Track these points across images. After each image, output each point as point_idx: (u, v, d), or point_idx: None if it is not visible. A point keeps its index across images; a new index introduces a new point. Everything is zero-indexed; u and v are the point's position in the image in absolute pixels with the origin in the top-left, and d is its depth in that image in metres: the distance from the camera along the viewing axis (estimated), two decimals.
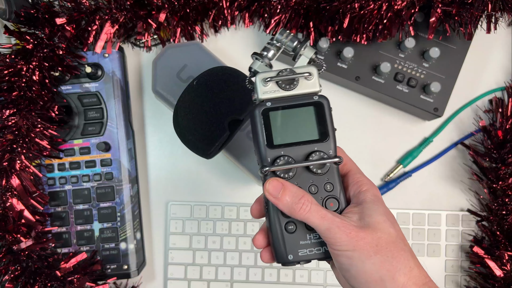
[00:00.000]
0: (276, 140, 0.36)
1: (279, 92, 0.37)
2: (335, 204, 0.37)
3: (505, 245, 0.57)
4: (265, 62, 0.39)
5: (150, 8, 0.56)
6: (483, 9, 0.52)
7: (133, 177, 0.59)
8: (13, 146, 0.53)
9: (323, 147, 0.37)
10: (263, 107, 0.36)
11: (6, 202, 0.52)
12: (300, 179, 0.37)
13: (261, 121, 0.36)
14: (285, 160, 0.36)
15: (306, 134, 0.37)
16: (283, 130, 0.37)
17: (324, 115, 0.37)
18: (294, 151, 0.36)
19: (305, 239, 0.37)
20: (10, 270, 0.53)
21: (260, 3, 0.56)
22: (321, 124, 0.37)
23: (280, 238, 0.36)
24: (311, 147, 0.37)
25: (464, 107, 0.63)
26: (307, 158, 0.36)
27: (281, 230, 0.36)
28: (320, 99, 0.37)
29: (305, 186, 0.37)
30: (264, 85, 0.36)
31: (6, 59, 0.53)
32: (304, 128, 0.37)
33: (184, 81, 0.57)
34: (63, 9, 0.55)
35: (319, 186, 0.37)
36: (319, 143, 0.37)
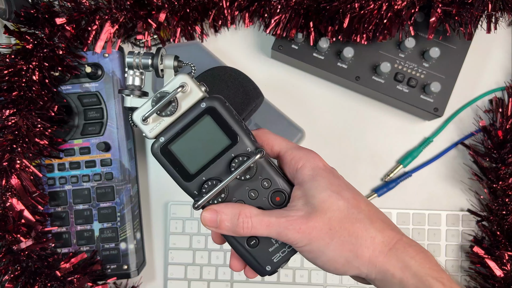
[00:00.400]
0: (191, 169, 0.34)
1: (164, 121, 0.34)
2: (281, 197, 0.35)
3: (505, 245, 0.57)
4: (135, 94, 0.35)
5: (150, 8, 0.56)
6: (483, 9, 0.52)
7: (133, 177, 0.59)
8: (13, 146, 0.53)
9: (239, 148, 0.34)
10: (158, 145, 0.34)
11: (6, 202, 0.52)
12: (236, 192, 0.35)
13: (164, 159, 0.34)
14: (210, 184, 0.34)
15: (217, 145, 0.34)
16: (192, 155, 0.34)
17: (222, 117, 0.34)
18: (215, 169, 0.34)
19: (272, 245, 0.35)
20: (10, 270, 0.53)
21: (260, 3, 0.56)
22: (224, 126, 0.34)
23: (250, 257, 0.35)
24: (228, 155, 0.34)
25: (464, 107, 0.63)
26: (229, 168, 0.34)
27: (245, 250, 0.35)
28: (208, 103, 0.34)
29: (244, 195, 0.35)
30: (145, 124, 0.33)
31: (6, 59, 0.53)
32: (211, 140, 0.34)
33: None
34: (63, 9, 0.55)
35: (257, 188, 0.35)
36: (233, 147, 0.34)
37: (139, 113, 0.34)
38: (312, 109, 0.63)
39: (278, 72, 0.63)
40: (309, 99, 0.63)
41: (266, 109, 0.57)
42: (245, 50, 0.64)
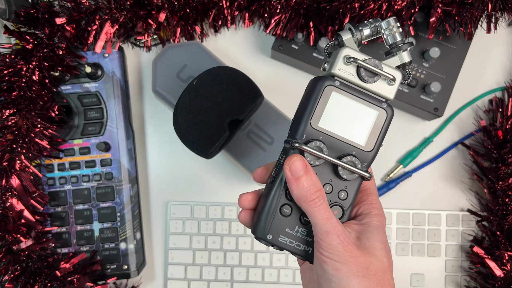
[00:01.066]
0: (323, 122, 0.34)
1: (355, 78, 0.33)
2: (339, 213, 0.35)
3: (505, 245, 0.57)
4: (356, 38, 0.35)
5: (150, 8, 0.56)
6: (483, 9, 0.52)
7: (133, 177, 0.59)
8: (13, 146, 0.53)
9: (362, 156, 0.34)
10: (329, 82, 0.33)
11: (6, 202, 0.52)
12: (321, 172, 0.34)
13: (318, 95, 0.33)
14: (319, 147, 0.33)
15: (354, 135, 0.34)
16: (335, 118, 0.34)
17: (382, 126, 0.34)
18: (332, 143, 0.34)
19: (292, 229, 0.35)
20: (10, 270, 0.53)
21: (260, 3, 0.56)
22: (374, 133, 0.34)
23: (269, 214, 0.34)
24: (350, 149, 0.34)
25: (464, 107, 0.63)
26: (340, 157, 0.34)
27: (275, 207, 0.34)
28: (387, 108, 0.34)
29: (322, 181, 0.34)
30: (345, 63, 0.33)
31: (6, 59, 0.53)
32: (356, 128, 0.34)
33: (184, 81, 0.57)
34: (63, 9, 0.55)
35: (335, 189, 0.35)
36: (360, 150, 0.34)
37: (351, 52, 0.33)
38: None
39: (278, 72, 0.63)
40: None
41: (266, 109, 0.57)
42: (245, 50, 0.64)
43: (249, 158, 0.56)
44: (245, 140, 0.56)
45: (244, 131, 0.56)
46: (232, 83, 0.51)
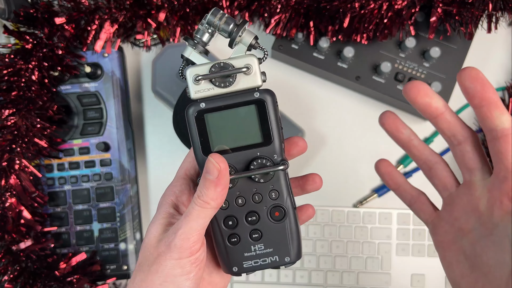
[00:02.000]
0: (214, 146, 0.33)
1: (214, 89, 0.32)
2: (280, 213, 0.34)
3: None
4: (198, 49, 0.33)
5: (150, 7, 0.56)
6: (483, 9, 0.51)
7: (132, 177, 0.59)
8: (12, 146, 0.52)
9: (267, 151, 0.33)
10: (196, 109, 0.32)
11: (5, 202, 0.52)
12: (242, 188, 0.34)
13: (194, 125, 0.33)
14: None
15: (248, 138, 0.33)
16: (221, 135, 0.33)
17: (267, 114, 0.33)
18: (235, 158, 0.33)
19: (250, 250, 0.34)
20: (10, 271, 0.52)
21: (260, 3, 0.56)
22: (264, 124, 0.33)
23: (223, 250, 0.34)
24: (253, 152, 0.33)
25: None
26: (249, 165, 0.33)
27: (223, 242, 0.34)
28: (261, 95, 0.33)
29: (248, 195, 0.34)
30: (196, 84, 0.32)
31: (5, 59, 0.53)
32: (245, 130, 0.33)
33: (184, 81, 0.57)
34: (62, 9, 0.55)
35: (263, 194, 0.34)
36: (262, 147, 0.33)
37: (195, 71, 0.32)
38: (312, 109, 0.63)
39: (278, 72, 0.63)
40: (309, 99, 0.63)
41: None
42: None
43: None
44: None
45: None
46: None
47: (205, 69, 0.32)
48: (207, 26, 0.34)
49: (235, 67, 0.32)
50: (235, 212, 0.34)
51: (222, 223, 0.34)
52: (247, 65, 0.32)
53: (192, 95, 0.33)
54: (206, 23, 0.34)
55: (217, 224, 0.34)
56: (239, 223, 0.34)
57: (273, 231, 0.34)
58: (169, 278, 0.31)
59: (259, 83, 0.33)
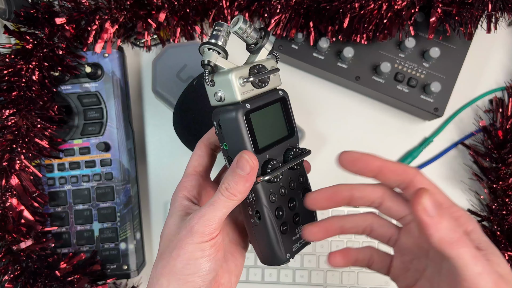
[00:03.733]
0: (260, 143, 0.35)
1: (254, 90, 0.35)
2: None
3: (505, 245, 0.57)
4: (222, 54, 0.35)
5: (150, 8, 0.56)
6: (483, 9, 0.52)
7: (133, 177, 0.59)
8: (12, 146, 0.52)
9: (293, 141, 0.37)
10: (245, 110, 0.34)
11: (6, 202, 0.52)
12: (282, 179, 0.36)
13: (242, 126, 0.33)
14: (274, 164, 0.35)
15: (280, 131, 0.36)
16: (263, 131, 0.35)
17: (289, 110, 0.37)
18: (275, 152, 0.36)
19: (295, 233, 0.37)
20: (10, 270, 0.53)
21: (260, 3, 0.56)
22: (287, 119, 0.37)
23: (279, 242, 0.35)
24: (285, 144, 0.36)
25: (464, 107, 0.63)
26: (284, 156, 0.36)
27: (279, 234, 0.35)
28: (283, 93, 0.37)
29: (286, 184, 0.36)
30: (241, 85, 0.34)
31: (6, 59, 0.53)
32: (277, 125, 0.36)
33: (184, 81, 0.57)
34: (63, 9, 0.55)
35: (295, 180, 0.37)
36: (290, 138, 0.37)
37: (239, 74, 0.34)
38: (312, 109, 0.63)
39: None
40: (309, 99, 0.63)
41: None
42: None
43: None
44: None
45: None
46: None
47: (246, 72, 0.35)
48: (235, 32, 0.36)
49: (268, 69, 0.36)
50: (282, 203, 0.36)
51: (274, 216, 0.35)
52: (274, 67, 0.36)
53: (238, 97, 0.34)
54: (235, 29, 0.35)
55: (271, 217, 0.35)
56: (285, 211, 0.36)
57: (306, 210, 0.37)
58: (191, 261, 0.32)
59: (280, 83, 0.37)
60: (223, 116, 0.34)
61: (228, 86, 0.34)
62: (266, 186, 0.35)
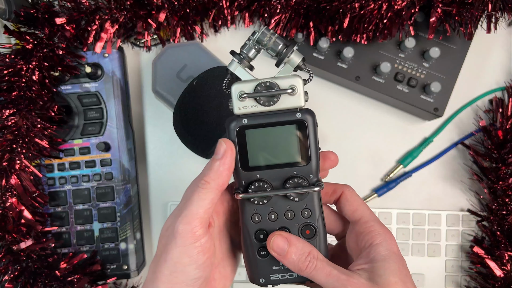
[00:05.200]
0: (252, 161, 0.34)
1: (257, 107, 0.33)
2: (311, 232, 0.35)
3: (505, 245, 0.57)
4: (244, 64, 0.34)
5: (150, 8, 0.56)
6: (483, 9, 0.52)
7: (133, 177, 0.59)
8: (12, 146, 0.52)
9: (304, 171, 0.34)
10: (239, 124, 0.33)
11: (6, 202, 0.52)
12: (276, 204, 0.35)
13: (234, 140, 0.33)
14: (260, 186, 0.34)
15: (286, 156, 0.34)
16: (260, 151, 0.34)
17: (307, 135, 0.33)
18: (271, 175, 0.34)
19: (278, 264, 0.35)
20: (10, 270, 0.53)
21: (260, 3, 0.56)
22: (303, 144, 0.34)
23: (252, 262, 0.35)
24: (290, 171, 0.34)
25: (464, 107, 0.63)
26: (284, 182, 0.34)
27: (253, 254, 0.35)
28: (303, 116, 0.33)
29: (281, 211, 0.35)
30: (240, 100, 0.33)
31: (6, 59, 0.53)
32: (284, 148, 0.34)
33: (184, 81, 0.57)
34: (62, 9, 0.55)
35: (296, 212, 0.35)
36: (299, 166, 0.34)
37: (241, 87, 0.33)
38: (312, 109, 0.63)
39: None
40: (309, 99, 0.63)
41: None
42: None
43: None
44: None
45: None
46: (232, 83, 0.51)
47: (251, 87, 0.33)
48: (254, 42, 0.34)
49: (280, 87, 0.33)
50: (267, 227, 0.35)
51: (253, 236, 0.35)
52: (292, 86, 0.33)
53: (235, 110, 0.33)
54: (255, 40, 0.34)
55: (249, 235, 0.35)
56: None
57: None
58: (179, 267, 0.31)
59: (302, 104, 0.33)
60: (226, 123, 0.34)
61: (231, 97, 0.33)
62: (251, 206, 0.35)
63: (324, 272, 0.32)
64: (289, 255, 0.33)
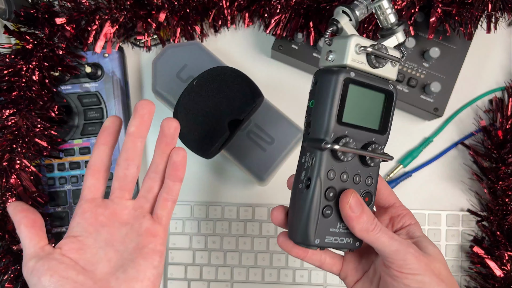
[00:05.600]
0: (346, 117, 0.33)
1: (366, 65, 0.33)
2: (369, 199, 0.36)
3: (505, 245, 0.57)
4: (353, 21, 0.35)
5: (150, 8, 0.56)
6: (483, 9, 0.52)
7: None
8: (12, 146, 0.53)
9: (380, 140, 0.35)
10: (346, 75, 0.32)
11: (6, 202, 0.52)
12: (349, 166, 0.35)
13: (337, 90, 0.32)
14: (350, 142, 0.33)
15: (372, 121, 0.35)
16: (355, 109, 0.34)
17: (391, 107, 0.35)
18: (356, 135, 0.34)
19: (335, 227, 0.35)
20: (10, 270, 0.53)
21: (260, 3, 0.56)
22: (385, 115, 0.35)
23: (313, 219, 0.34)
24: (370, 136, 0.35)
25: (464, 107, 0.63)
26: (364, 146, 0.35)
27: (318, 212, 0.34)
28: (393, 89, 0.35)
29: (351, 174, 0.35)
30: (356, 52, 0.33)
31: (6, 59, 0.53)
32: (373, 113, 0.35)
33: (184, 81, 0.57)
34: (63, 9, 0.55)
35: (362, 177, 0.36)
36: (378, 134, 0.35)
37: (361, 41, 0.33)
38: None
39: (278, 72, 0.63)
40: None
41: (266, 109, 0.57)
42: (245, 50, 0.64)
43: (249, 158, 0.56)
44: (245, 140, 0.56)
45: (244, 131, 0.56)
46: (232, 83, 0.51)
47: (368, 43, 0.33)
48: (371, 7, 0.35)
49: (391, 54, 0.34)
50: (337, 185, 0.35)
51: (324, 192, 0.34)
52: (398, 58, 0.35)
53: (347, 61, 0.33)
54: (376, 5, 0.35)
55: (320, 191, 0.34)
56: (336, 196, 0.35)
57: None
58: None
59: (394, 77, 0.35)
60: (324, 74, 0.33)
61: (343, 48, 0.33)
62: (330, 160, 0.34)
63: (388, 235, 0.34)
64: (362, 215, 0.34)
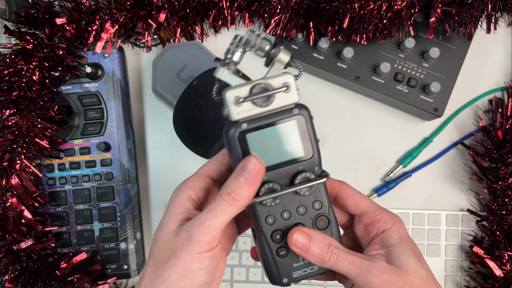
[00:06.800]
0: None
1: (255, 109, 0.33)
2: (325, 222, 0.35)
3: (505, 245, 0.57)
4: (231, 69, 0.34)
5: (150, 8, 0.56)
6: (483, 9, 0.52)
7: (133, 177, 0.59)
8: (13, 146, 0.53)
9: (309, 164, 0.34)
10: (239, 130, 0.33)
11: (6, 202, 0.52)
12: (287, 202, 0.35)
13: (236, 146, 0.33)
14: (269, 187, 0.34)
15: (289, 153, 0.34)
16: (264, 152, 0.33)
17: (306, 129, 0.34)
18: (278, 174, 0.34)
19: (298, 261, 0.35)
20: (10, 270, 0.53)
21: (260, 3, 0.56)
22: (303, 139, 0.34)
23: (272, 263, 0.35)
24: (296, 167, 0.34)
25: (464, 107, 0.63)
26: (292, 179, 0.34)
27: (272, 256, 0.35)
28: (300, 111, 0.34)
29: (293, 208, 0.35)
30: (237, 106, 0.32)
31: (6, 59, 0.53)
32: (286, 145, 0.34)
33: (184, 81, 0.57)
34: (63, 9, 0.55)
35: (307, 206, 0.35)
36: (304, 161, 0.34)
37: (235, 93, 0.32)
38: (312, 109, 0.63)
39: None
40: (309, 99, 0.63)
41: None
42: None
43: None
44: None
45: None
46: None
47: (245, 90, 0.33)
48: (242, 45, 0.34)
49: (273, 86, 0.33)
50: (282, 226, 0.35)
51: (270, 238, 0.35)
52: (285, 84, 0.33)
53: (233, 116, 0.33)
54: (242, 43, 0.34)
55: (265, 239, 0.35)
56: (285, 236, 0.35)
57: None
58: (189, 273, 0.31)
59: (296, 100, 0.34)
60: (224, 130, 0.34)
61: (225, 105, 0.33)
62: (263, 208, 0.34)
63: (346, 260, 0.33)
64: (312, 249, 0.33)
